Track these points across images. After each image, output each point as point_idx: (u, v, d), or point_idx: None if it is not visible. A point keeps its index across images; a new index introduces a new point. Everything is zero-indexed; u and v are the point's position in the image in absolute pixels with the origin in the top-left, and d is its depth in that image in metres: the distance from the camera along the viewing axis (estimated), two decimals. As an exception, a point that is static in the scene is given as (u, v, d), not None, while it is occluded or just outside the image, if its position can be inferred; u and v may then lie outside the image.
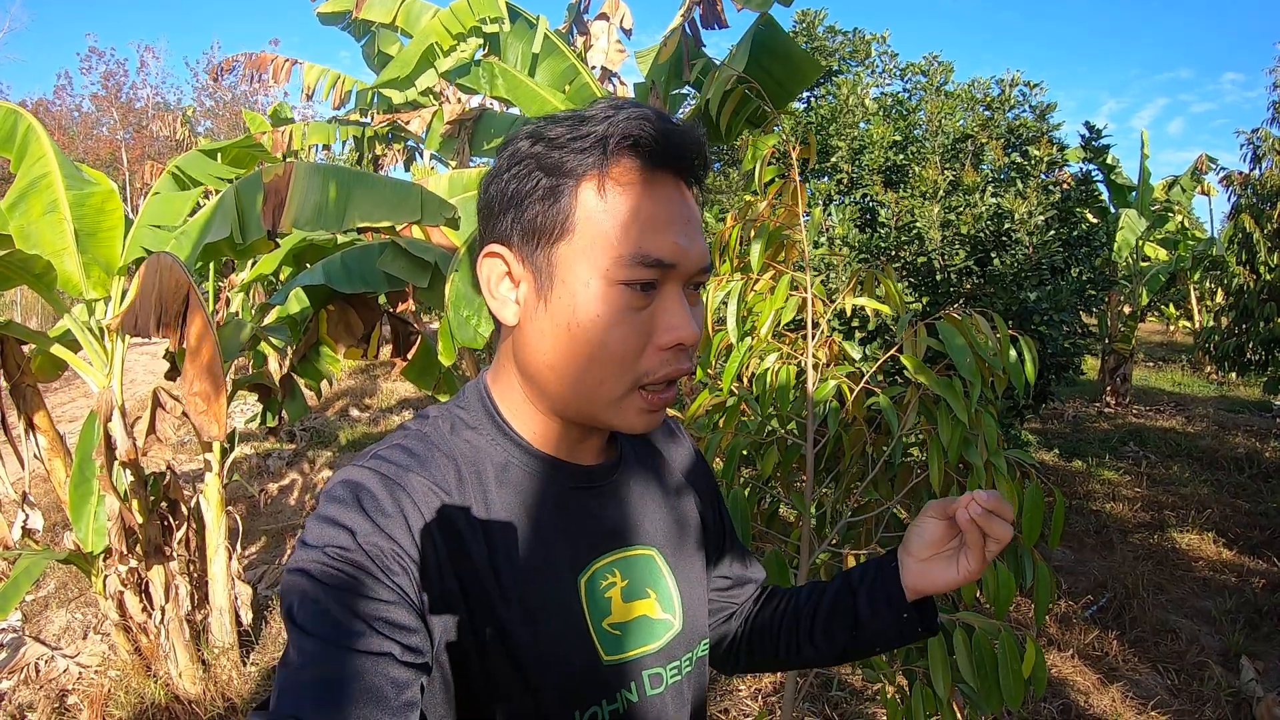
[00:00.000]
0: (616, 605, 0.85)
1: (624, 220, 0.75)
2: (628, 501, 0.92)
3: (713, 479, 1.11)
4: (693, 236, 0.78)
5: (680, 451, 1.07)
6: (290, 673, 0.66)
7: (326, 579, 0.68)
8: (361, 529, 0.71)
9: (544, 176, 0.77)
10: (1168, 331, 18.13)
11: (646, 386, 0.78)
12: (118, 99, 24.82)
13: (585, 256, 0.75)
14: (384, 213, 2.98)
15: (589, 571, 0.84)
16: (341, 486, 0.75)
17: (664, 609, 0.90)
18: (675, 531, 0.97)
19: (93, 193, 3.54)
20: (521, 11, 5.58)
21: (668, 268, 0.76)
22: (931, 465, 1.90)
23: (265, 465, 7.64)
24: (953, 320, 1.92)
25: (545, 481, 0.85)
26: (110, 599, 3.73)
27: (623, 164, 0.76)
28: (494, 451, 0.84)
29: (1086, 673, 3.91)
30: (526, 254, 0.79)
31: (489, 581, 0.76)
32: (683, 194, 0.80)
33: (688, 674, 0.92)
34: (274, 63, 8.71)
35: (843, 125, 5.56)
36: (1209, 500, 6.43)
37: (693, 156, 0.79)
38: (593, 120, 0.76)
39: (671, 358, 0.78)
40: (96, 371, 3.56)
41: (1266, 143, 8.02)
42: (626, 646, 0.85)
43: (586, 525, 0.86)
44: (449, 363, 2.84)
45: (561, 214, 0.76)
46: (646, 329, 0.77)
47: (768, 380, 1.98)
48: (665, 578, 0.92)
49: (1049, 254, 4.92)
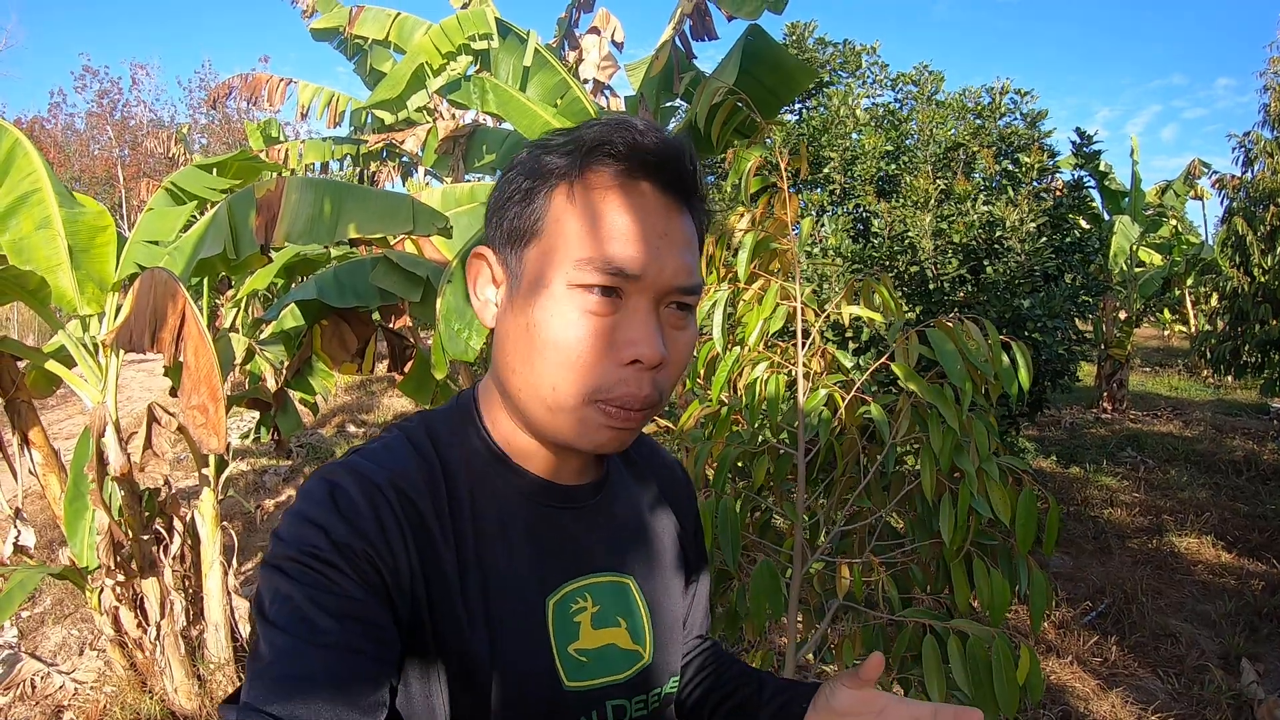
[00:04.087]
0: (585, 631, 0.83)
1: (589, 224, 0.74)
2: (608, 526, 0.90)
3: (695, 507, 1.08)
4: (667, 251, 0.76)
5: (671, 480, 1.05)
6: (261, 667, 0.66)
7: (299, 576, 0.68)
8: (335, 528, 0.70)
9: (524, 180, 0.78)
10: (1163, 336, 18.14)
11: (603, 402, 0.75)
12: (112, 116, 24.85)
13: (550, 258, 0.75)
14: (376, 224, 2.98)
15: (559, 593, 0.82)
16: (318, 485, 0.74)
17: (634, 640, 0.87)
18: (655, 562, 0.94)
19: (85, 211, 3.53)
20: (512, 27, 5.59)
21: (630, 277, 0.73)
22: (923, 473, 1.90)
23: (262, 481, 7.62)
24: (943, 327, 1.93)
25: (522, 496, 0.83)
26: (105, 614, 3.71)
27: (597, 170, 0.76)
28: (474, 462, 0.83)
29: (1086, 679, 3.90)
30: (505, 256, 0.80)
31: (455, 593, 0.75)
32: (667, 210, 0.77)
33: (654, 709, 0.89)
34: (269, 83, 8.74)
35: (834, 136, 5.58)
36: (1207, 504, 6.43)
37: (672, 167, 0.77)
38: (582, 129, 0.77)
39: (630, 376, 0.75)
40: (91, 387, 3.55)
41: (1258, 145, 8.03)
42: (591, 674, 0.83)
43: (561, 546, 0.84)
44: (441, 375, 2.84)
45: (534, 216, 0.76)
46: (606, 339, 0.74)
47: (757, 390, 1.98)
48: (639, 608, 0.89)
49: (1041, 261, 4.93)
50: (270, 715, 0.63)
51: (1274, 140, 7.95)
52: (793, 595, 2.12)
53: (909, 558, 2.11)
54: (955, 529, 1.88)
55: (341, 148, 8.58)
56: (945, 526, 1.88)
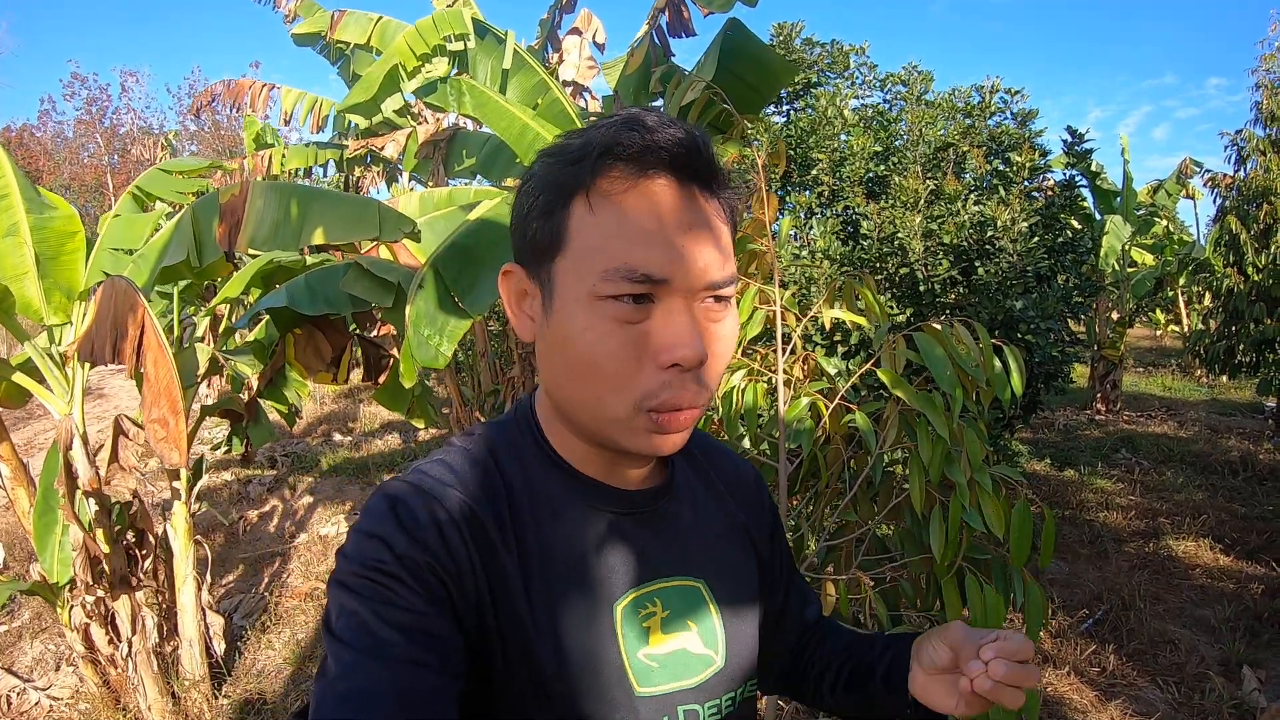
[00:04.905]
0: (655, 636, 0.82)
1: (610, 232, 0.72)
2: (675, 530, 0.89)
3: (773, 511, 1.07)
4: (694, 247, 0.73)
5: (738, 480, 1.03)
6: (327, 682, 0.67)
7: (363, 590, 0.69)
8: (397, 542, 0.71)
9: (542, 193, 0.77)
10: (1156, 336, 18.15)
11: (652, 411, 0.73)
12: (100, 124, 24.82)
13: (575, 271, 0.73)
14: (342, 230, 2.91)
15: (627, 599, 0.82)
16: (379, 500, 0.75)
17: (705, 644, 0.86)
18: (726, 563, 0.93)
19: (54, 216, 3.46)
20: (490, 27, 5.50)
21: (659, 281, 0.71)
22: (912, 484, 1.82)
23: (245, 492, 7.50)
24: (931, 330, 1.84)
25: (585, 505, 0.83)
26: (76, 631, 3.63)
27: (609, 173, 0.73)
28: (534, 472, 0.83)
29: (1084, 690, 3.81)
30: (533, 270, 0.79)
31: (521, 603, 0.76)
32: (689, 202, 0.75)
33: (727, 714, 0.87)
34: (251, 89, 8.67)
35: (823, 137, 5.50)
36: (1204, 505, 6.36)
37: (688, 158, 0.74)
38: (588, 132, 0.76)
39: (673, 380, 0.73)
40: (58, 399, 3.46)
41: (1251, 143, 8.01)
42: (663, 680, 0.82)
43: (628, 552, 0.84)
44: (409, 384, 2.74)
45: (556, 229, 0.75)
46: (642, 346, 0.72)
47: (735, 399, 1.89)
48: (710, 611, 0.88)
49: (1034, 261, 4.86)
50: None
51: (1266, 138, 7.94)
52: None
53: (898, 572, 2.02)
54: (946, 543, 1.79)
55: (325, 153, 8.51)
56: (936, 541, 1.80)
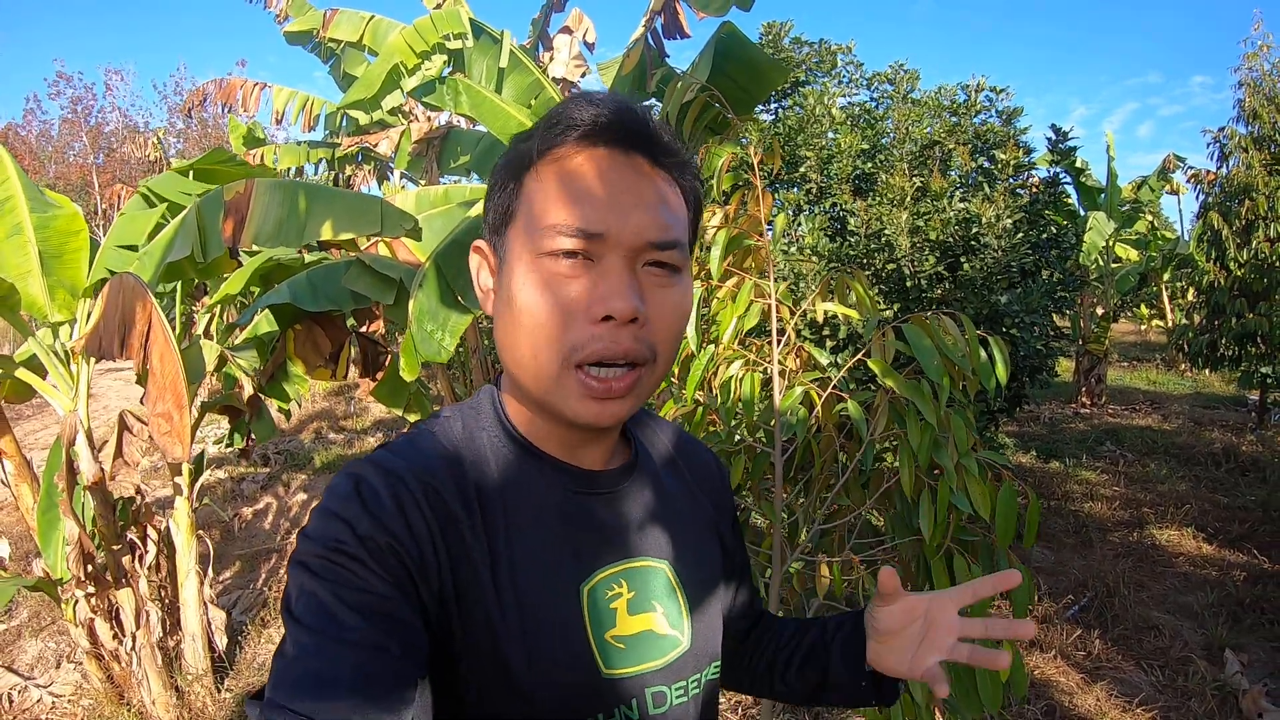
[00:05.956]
0: (621, 617, 0.83)
1: (552, 195, 0.76)
2: (640, 512, 0.90)
3: (731, 499, 1.08)
4: (632, 207, 0.76)
5: (706, 473, 1.05)
6: (285, 664, 0.66)
7: (324, 572, 0.68)
8: (360, 523, 0.70)
9: (502, 171, 0.81)
10: (1140, 331, 18.30)
11: (582, 365, 0.75)
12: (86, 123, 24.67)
13: (522, 235, 0.77)
14: (344, 226, 2.95)
15: (593, 580, 0.82)
16: (343, 480, 0.74)
17: (671, 625, 0.87)
18: (691, 547, 0.93)
19: (57, 215, 3.48)
20: (485, 27, 5.55)
21: (594, 236, 0.74)
22: (902, 469, 1.89)
23: (239, 489, 7.53)
24: (919, 322, 1.92)
25: (547, 483, 0.83)
26: (80, 626, 3.66)
27: (558, 144, 0.77)
28: (499, 451, 0.83)
29: (1070, 673, 3.90)
30: (495, 244, 0.82)
31: (485, 583, 0.75)
32: (632, 170, 0.78)
33: (695, 696, 0.88)
34: (243, 88, 8.65)
35: (810, 135, 5.58)
36: (1187, 496, 6.47)
37: (629, 127, 0.78)
38: (548, 112, 0.80)
39: (604, 333, 0.74)
40: (62, 395, 3.50)
41: (1233, 140, 8.12)
42: (629, 661, 0.82)
43: (591, 532, 0.84)
44: (411, 378, 2.80)
45: (510, 201, 0.79)
46: (579, 300, 0.74)
47: (732, 388, 1.97)
48: (675, 594, 0.89)
49: (1019, 257, 4.95)
50: (294, 713, 0.63)
51: (1248, 135, 8.04)
52: (773, 594, 2.10)
53: (889, 555, 2.10)
54: (935, 525, 1.87)
55: (316, 152, 8.51)
56: (925, 523, 1.87)
